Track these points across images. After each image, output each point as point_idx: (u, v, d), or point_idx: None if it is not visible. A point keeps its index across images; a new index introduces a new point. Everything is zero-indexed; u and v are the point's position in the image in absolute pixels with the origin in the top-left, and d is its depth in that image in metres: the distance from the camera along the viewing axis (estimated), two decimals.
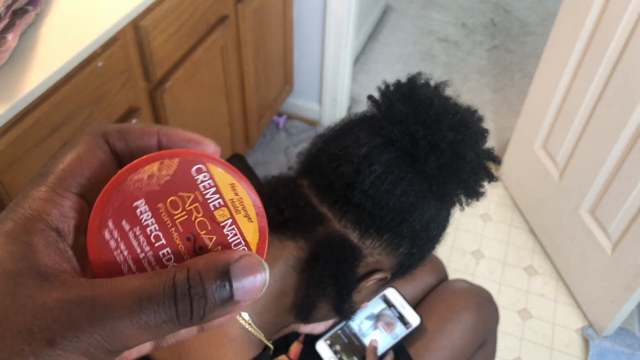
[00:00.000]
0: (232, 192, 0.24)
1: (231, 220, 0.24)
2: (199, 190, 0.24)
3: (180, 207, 0.23)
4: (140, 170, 0.23)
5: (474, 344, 0.91)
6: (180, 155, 0.24)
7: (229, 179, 0.24)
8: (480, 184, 0.59)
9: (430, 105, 0.57)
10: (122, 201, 0.23)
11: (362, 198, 0.56)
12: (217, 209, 0.24)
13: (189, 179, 0.23)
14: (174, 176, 0.23)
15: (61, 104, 0.91)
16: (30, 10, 0.94)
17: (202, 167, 0.24)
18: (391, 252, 0.60)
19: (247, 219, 0.24)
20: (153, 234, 0.23)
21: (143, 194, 0.23)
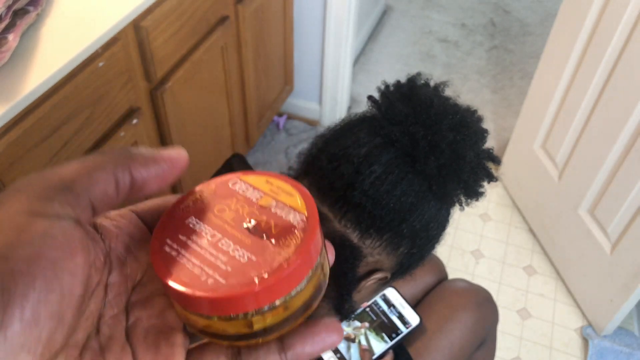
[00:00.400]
0: (267, 185, 0.27)
1: (275, 201, 0.26)
2: (238, 194, 0.26)
3: (226, 210, 0.26)
4: (187, 200, 0.26)
5: (473, 344, 0.92)
6: (217, 180, 0.27)
7: (262, 179, 0.27)
8: (480, 184, 0.60)
9: (430, 106, 0.57)
10: (175, 223, 0.25)
11: (362, 198, 0.56)
12: (260, 199, 0.26)
13: (228, 191, 0.27)
14: (214, 194, 0.26)
15: (62, 104, 0.91)
16: (31, 10, 0.94)
17: (236, 179, 0.27)
18: (391, 252, 0.60)
19: (288, 195, 0.26)
20: (209, 234, 0.25)
21: (192, 213, 0.26)
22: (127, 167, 0.23)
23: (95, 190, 0.22)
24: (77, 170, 0.22)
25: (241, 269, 0.23)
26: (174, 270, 0.23)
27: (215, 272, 0.23)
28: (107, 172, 0.22)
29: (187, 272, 0.23)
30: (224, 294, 0.22)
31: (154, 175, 0.24)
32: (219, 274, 0.23)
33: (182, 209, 0.26)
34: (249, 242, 0.24)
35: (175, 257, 0.24)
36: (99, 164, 0.22)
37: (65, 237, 0.20)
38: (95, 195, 0.22)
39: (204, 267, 0.23)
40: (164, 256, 0.24)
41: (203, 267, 0.23)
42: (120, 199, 0.23)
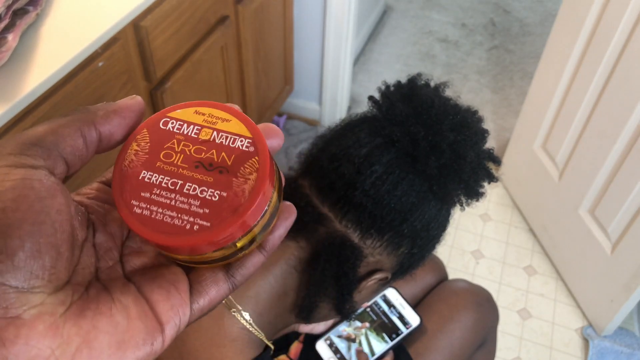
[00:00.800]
0: (199, 115, 0.27)
1: (215, 132, 0.27)
2: (176, 134, 0.27)
3: (173, 154, 0.26)
4: (127, 155, 0.26)
5: (473, 344, 0.92)
6: (146, 124, 0.27)
7: (189, 111, 0.27)
8: (480, 184, 0.60)
9: (431, 106, 0.57)
10: (130, 182, 0.25)
11: (363, 198, 0.56)
12: (199, 133, 0.27)
13: (164, 133, 0.27)
14: (151, 140, 0.26)
15: (61, 104, 0.91)
16: (30, 10, 0.94)
17: (165, 119, 0.27)
18: (392, 252, 0.60)
19: (225, 121, 0.27)
20: (169, 183, 0.25)
21: (140, 166, 0.26)
22: (91, 123, 0.25)
23: (63, 145, 0.24)
24: (43, 130, 0.24)
25: (218, 207, 0.25)
26: (156, 228, 0.24)
27: (195, 217, 0.24)
28: (72, 128, 0.24)
29: (170, 226, 0.24)
30: (217, 235, 0.24)
31: (117, 125, 0.26)
32: (200, 218, 0.24)
33: (129, 165, 0.26)
34: (211, 180, 0.25)
35: (150, 215, 0.25)
36: (63, 122, 0.24)
37: (42, 181, 0.22)
38: (64, 150, 0.24)
39: (182, 216, 0.24)
40: (139, 218, 0.25)
41: (182, 216, 0.25)
42: (91, 152, 0.25)
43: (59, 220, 0.22)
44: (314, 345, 0.82)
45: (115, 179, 0.26)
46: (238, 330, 0.57)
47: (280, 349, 0.80)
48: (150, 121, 0.27)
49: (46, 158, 0.23)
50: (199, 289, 0.26)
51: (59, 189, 0.23)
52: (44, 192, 0.22)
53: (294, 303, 0.63)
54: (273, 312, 0.61)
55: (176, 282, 0.26)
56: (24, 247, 0.20)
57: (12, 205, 0.21)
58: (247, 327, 0.58)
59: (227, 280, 0.27)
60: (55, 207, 0.22)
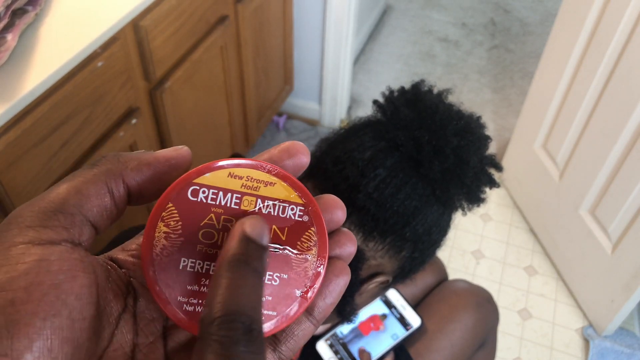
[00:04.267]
0: (235, 180, 0.23)
1: (259, 199, 0.23)
2: (212, 206, 0.22)
3: (214, 233, 0.22)
4: (155, 240, 0.22)
5: (474, 344, 0.91)
6: (169, 197, 0.22)
7: (222, 174, 0.23)
8: (482, 190, 0.60)
9: (435, 111, 0.58)
10: (169, 274, 0.22)
11: (367, 201, 0.57)
12: (240, 203, 0.22)
13: (195, 206, 0.22)
14: (182, 218, 0.22)
15: (61, 104, 0.90)
16: (29, 10, 0.94)
17: (194, 187, 0.22)
18: (393, 256, 0.60)
19: (269, 185, 0.23)
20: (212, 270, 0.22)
21: (177, 253, 0.22)
22: (119, 176, 0.22)
23: (88, 206, 0.21)
24: (66, 190, 0.21)
25: (282, 293, 0.22)
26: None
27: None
28: (98, 185, 0.21)
29: None
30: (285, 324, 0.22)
31: (149, 179, 0.22)
32: (264, 308, 0.21)
33: (162, 253, 0.22)
34: (268, 261, 0.22)
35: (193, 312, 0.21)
36: (88, 178, 0.21)
37: (62, 260, 0.19)
38: (90, 211, 0.21)
39: None
40: (193, 316, 0.21)
41: None
42: (120, 210, 0.22)
43: (78, 307, 0.19)
44: (314, 345, 0.82)
45: (148, 271, 0.22)
46: None
47: None
48: (173, 191, 0.22)
49: (70, 226, 0.20)
50: None
51: (82, 266, 0.20)
52: (62, 275, 0.19)
53: None
54: None
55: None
56: (32, 349, 0.18)
57: (23, 295, 0.18)
58: None
59: (273, 358, 0.23)
60: (75, 292, 0.19)
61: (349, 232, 0.25)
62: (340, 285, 0.24)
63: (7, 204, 0.87)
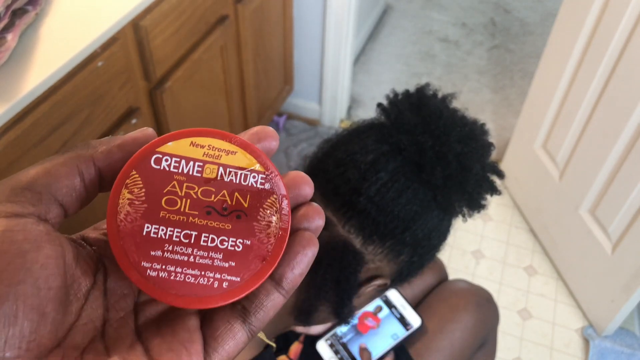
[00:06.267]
0: (197, 149, 0.23)
1: (220, 167, 0.23)
2: (175, 174, 0.23)
3: (177, 200, 0.23)
4: (119, 207, 0.23)
5: (474, 344, 0.91)
6: (132, 165, 0.23)
7: (183, 143, 0.23)
8: (483, 197, 0.60)
9: (439, 116, 0.58)
10: (133, 239, 0.22)
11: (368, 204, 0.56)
12: (202, 170, 0.23)
13: (158, 174, 0.23)
14: (146, 185, 0.23)
15: (61, 104, 0.90)
16: (29, 10, 0.94)
17: (157, 155, 0.23)
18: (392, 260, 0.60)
19: (230, 154, 0.23)
20: (182, 236, 0.22)
21: (140, 219, 0.22)
22: (90, 159, 0.23)
23: (57, 186, 0.22)
24: (35, 171, 0.22)
25: (244, 258, 0.22)
26: (181, 291, 0.22)
27: (222, 273, 0.22)
28: (68, 167, 0.22)
29: (196, 287, 0.22)
30: (249, 289, 0.22)
31: (119, 160, 0.23)
32: (227, 274, 0.22)
33: (125, 219, 0.22)
34: (229, 228, 0.23)
35: (168, 277, 0.22)
36: (60, 161, 0.22)
37: (27, 231, 0.20)
38: (59, 191, 0.22)
39: (207, 274, 0.22)
40: (156, 282, 0.22)
41: (206, 273, 0.22)
42: (90, 193, 0.23)
43: (43, 277, 0.19)
44: (314, 345, 0.82)
45: (113, 238, 0.22)
46: None
47: (280, 349, 0.79)
48: (137, 159, 0.23)
49: (36, 203, 0.21)
50: (214, 345, 0.23)
51: (48, 238, 0.20)
52: (28, 244, 0.19)
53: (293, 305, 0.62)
54: None
55: (189, 342, 0.23)
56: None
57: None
58: None
59: (243, 329, 0.24)
60: (40, 261, 0.19)
61: (316, 206, 0.25)
62: (308, 256, 0.24)
63: None
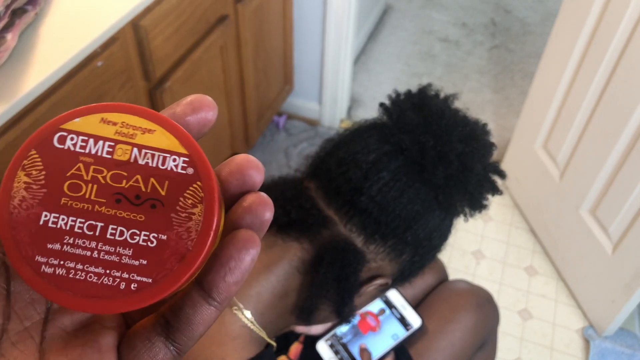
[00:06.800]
0: (108, 126, 0.20)
1: (135, 149, 0.19)
2: (81, 154, 0.19)
3: (81, 185, 0.19)
4: (13, 191, 0.19)
5: (474, 345, 0.91)
6: (32, 143, 0.20)
7: (94, 119, 0.20)
8: (484, 197, 0.61)
9: (441, 116, 0.58)
10: (27, 229, 0.18)
11: (369, 204, 0.57)
12: (113, 152, 0.19)
13: (61, 154, 0.19)
14: (46, 166, 0.19)
15: (60, 104, 0.90)
16: (29, 9, 0.94)
17: (61, 133, 0.19)
18: (394, 259, 0.60)
19: (147, 132, 0.20)
20: (85, 227, 0.19)
21: (37, 207, 0.19)
22: None
23: None
24: None
25: (158, 256, 0.18)
26: (80, 291, 0.18)
27: (130, 273, 0.18)
28: None
29: (98, 287, 0.18)
30: (162, 293, 0.18)
31: None
32: (137, 274, 0.18)
33: (20, 206, 0.19)
34: (142, 219, 0.19)
35: (66, 275, 0.18)
36: None
37: None
38: None
39: (112, 272, 0.18)
40: (52, 280, 0.18)
41: (112, 272, 0.18)
42: None
43: None
44: (314, 345, 0.82)
45: (4, 227, 0.19)
46: (239, 328, 0.57)
47: (280, 349, 0.79)
48: (38, 137, 0.20)
49: None
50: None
51: None
52: None
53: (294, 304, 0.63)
54: (274, 312, 0.61)
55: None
56: None
57: None
58: (248, 326, 0.58)
59: (167, 348, 0.20)
60: None
61: (264, 196, 0.21)
62: (245, 261, 0.19)
63: None
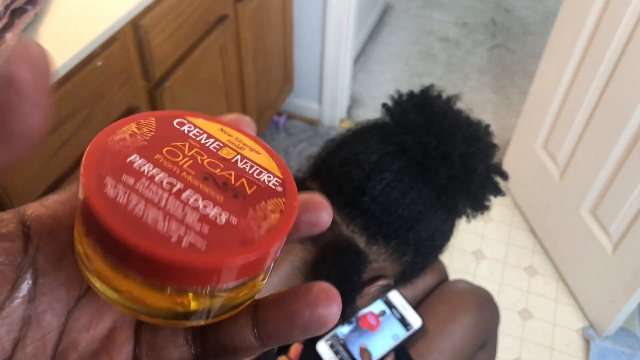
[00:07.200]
0: (225, 134, 0.22)
1: (239, 155, 0.21)
2: (191, 138, 0.21)
3: (180, 154, 0.20)
4: (119, 132, 0.20)
5: (474, 345, 0.91)
6: (155, 115, 0.21)
7: (215, 126, 0.22)
8: (487, 198, 0.60)
9: (444, 117, 0.58)
10: (113, 159, 0.19)
11: (372, 204, 0.57)
12: (220, 149, 0.21)
13: (175, 131, 0.21)
14: (158, 131, 0.20)
15: (60, 104, 0.90)
16: (29, 9, 0.94)
17: (182, 120, 0.21)
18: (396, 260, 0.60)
19: (254, 152, 0.22)
20: (165, 181, 0.19)
21: (133, 149, 0.19)
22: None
23: None
24: None
25: (222, 231, 0.18)
26: (130, 223, 0.17)
27: (189, 231, 0.17)
28: None
29: (149, 228, 0.17)
30: (212, 261, 0.17)
31: None
32: (195, 233, 0.17)
33: (118, 142, 0.19)
34: (221, 200, 0.19)
35: (125, 205, 0.17)
36: None
37: None
38: None
39: (171, 223, 0.17)
40: (109, 203, 0.17)
41: (170, 222, 0.17)
42: None
43: None
44: (314, 346, 0.82)
45: (92, 151, 0.19)
46: None
47: (280, 349, 0.79)
48: (161, 114, 0.21)
49: None
50: None
51: None
52: None
53: None
54: None
55: None
56: None
57: None
58: None
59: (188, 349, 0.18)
60: None
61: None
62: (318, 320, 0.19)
63: (6, 203, 0.87)
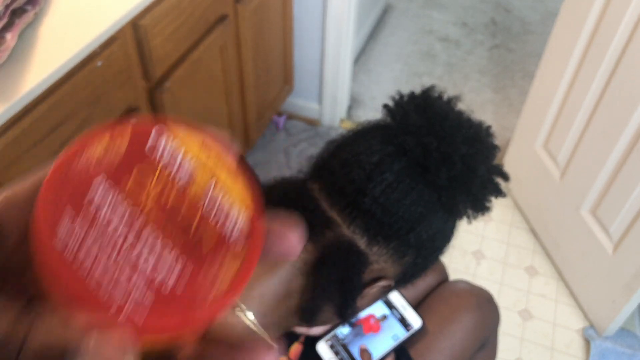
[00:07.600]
0: (204, 151, 0.21)
1: (213, 181, 0.20)
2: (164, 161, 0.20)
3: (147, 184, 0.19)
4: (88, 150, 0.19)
5: (475, 345, 0.91)
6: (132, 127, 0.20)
7: (196, 139, 0.21)
8: (488, 199, 0.60)
9: (445, 118, 0.58)
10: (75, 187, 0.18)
11: (373, 205, 0.57)
12: (192, 178, 0.20)
13: (150, 150, 0.20)
14: (130, 148, 0.19)
15: (60, 104, 0.90)
16: (29, 9, 0.94)
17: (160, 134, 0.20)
18: (396, 261, 0.60)
19: (230, 174, 0.21)
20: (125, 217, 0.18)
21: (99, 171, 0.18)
22: None
23: None
24: None
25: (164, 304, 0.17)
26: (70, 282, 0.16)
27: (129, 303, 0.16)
28: None
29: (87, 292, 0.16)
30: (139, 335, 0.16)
31: None
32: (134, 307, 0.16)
33: (85, 163, 0.18)
34: (178, 247, 0.18)
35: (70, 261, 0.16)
36: None
37: None
38: None
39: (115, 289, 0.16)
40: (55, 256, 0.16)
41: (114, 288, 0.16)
42: None
43: None
44: (314, 346, 0.82)
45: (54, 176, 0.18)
46: (241, 329, 0.57)
47: None
48: (139, 126, 0.20)
49: None
50: None
51: None
52: None
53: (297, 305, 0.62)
54: (277, 313, 0.61)
55: None
56: None
57: None
58: (250, 327, 0.57)
59: None
60: None
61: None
62: None
63: None
